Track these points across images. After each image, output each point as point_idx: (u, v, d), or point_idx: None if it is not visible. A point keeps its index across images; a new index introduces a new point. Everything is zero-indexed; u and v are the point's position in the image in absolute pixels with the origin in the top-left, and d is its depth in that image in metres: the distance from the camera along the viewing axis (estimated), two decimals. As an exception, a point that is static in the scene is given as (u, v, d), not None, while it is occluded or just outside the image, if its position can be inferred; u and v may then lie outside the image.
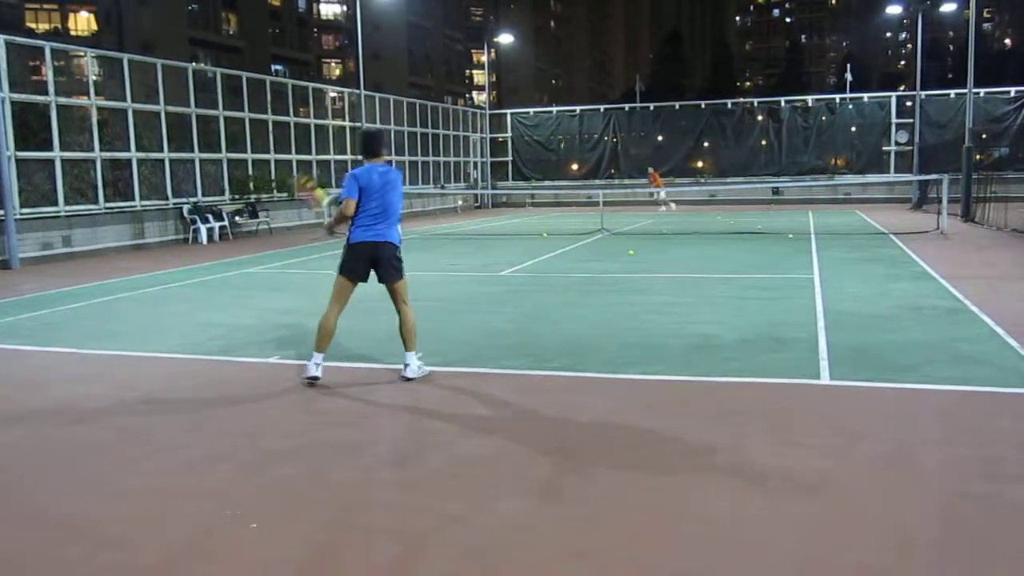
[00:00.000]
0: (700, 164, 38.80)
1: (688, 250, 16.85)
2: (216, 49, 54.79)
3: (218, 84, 23.02)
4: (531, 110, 42.97)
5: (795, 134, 36.70)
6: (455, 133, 37.65)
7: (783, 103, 37.83)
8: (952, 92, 35.05)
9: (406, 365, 6.60)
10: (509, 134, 40.55)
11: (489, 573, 3.51)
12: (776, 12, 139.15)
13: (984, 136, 32.88)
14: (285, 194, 24.74)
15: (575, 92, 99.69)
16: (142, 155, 20.04)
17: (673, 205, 33.65)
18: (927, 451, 4.89)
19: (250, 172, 23.90)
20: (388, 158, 6.83)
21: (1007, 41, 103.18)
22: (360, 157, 6.77)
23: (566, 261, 15.30)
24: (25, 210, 16.87)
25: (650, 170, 34.28)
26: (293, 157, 26.07)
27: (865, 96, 38.07)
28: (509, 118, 41.03)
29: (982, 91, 32.55)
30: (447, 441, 5.22)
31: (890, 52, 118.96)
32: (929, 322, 8.60)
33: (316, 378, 6.45)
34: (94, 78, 19.58)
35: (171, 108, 21.02)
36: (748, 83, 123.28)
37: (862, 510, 4.03)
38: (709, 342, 7.80)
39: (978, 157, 26.66)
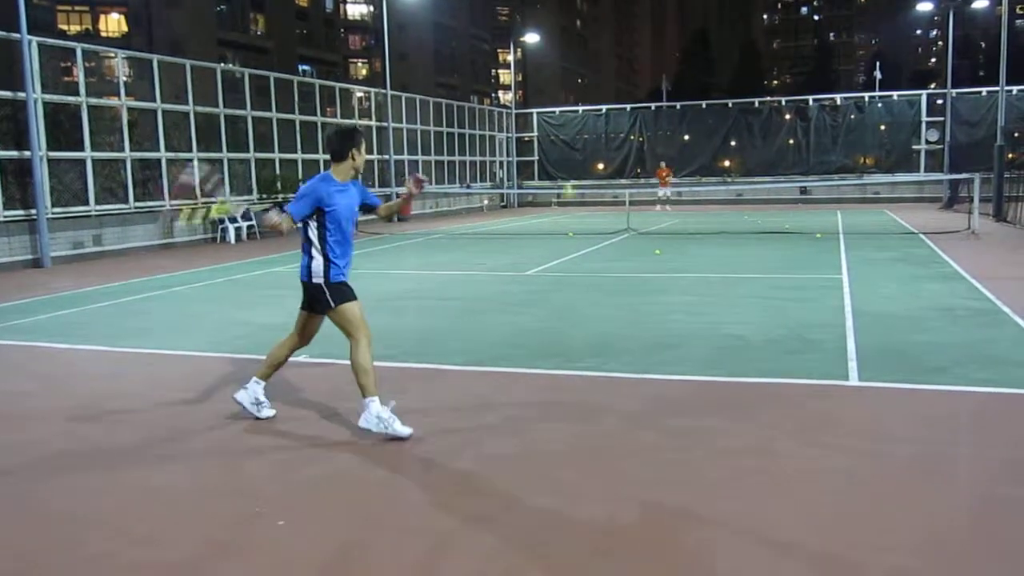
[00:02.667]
0: (727, 163, 38.58)
1: (715, 250, 16.75)
2: (244, 50, 55.12)
3: (246, 84, 23.21)
4: (557, 109, 42.90)
5: (823, 133, 36.36)
6: (481, 132, 37.71)
7: (811, 101, 37.47)
8: (984, 90, 34.60)
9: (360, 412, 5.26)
10: (535, 133, 40.53)
11: (515, 573, 3.50)
12: (804, 10, 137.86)
13: (1017, 134, 32.40)
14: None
15: (601, 91, 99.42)
16: (171, 155, 20.24)
17: (668, 207, 33.18)
18: (956, 453, 4.83)
19: (277, 172, 24.07)
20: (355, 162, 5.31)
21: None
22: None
23: (592, 261, 15.27)
24: (56, 209, 17.10)
25: (663, 165, 34.27)
26: (320, 157, 26.20)
27: (895, 94, 37.63)
28: (535, 117, 41.01)
29: (1015, 88, 32.13)
30: (474, 440, 5.23)
31: (920, 50, 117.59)
32: (960, 323, 8.50)
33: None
34: (124, 79, 19.80)
35: (200, 108, 21.22)
36: (776, 81, 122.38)
37: (890, 512, 3.99)
38: (736, 343, 7.76)
39: (1010, 156, 26.25)
